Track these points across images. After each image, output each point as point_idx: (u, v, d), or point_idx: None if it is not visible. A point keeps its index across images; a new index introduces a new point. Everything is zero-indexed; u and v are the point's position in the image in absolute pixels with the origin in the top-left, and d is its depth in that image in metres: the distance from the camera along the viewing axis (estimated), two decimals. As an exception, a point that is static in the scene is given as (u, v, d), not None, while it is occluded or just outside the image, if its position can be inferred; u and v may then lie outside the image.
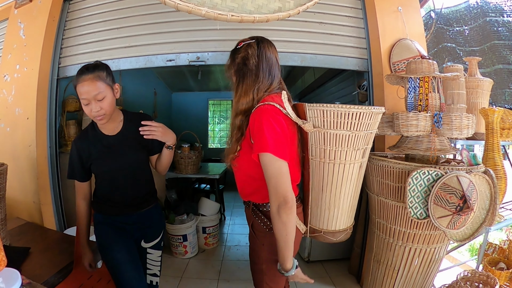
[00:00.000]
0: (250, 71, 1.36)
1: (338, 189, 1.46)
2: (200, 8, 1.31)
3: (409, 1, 2.88)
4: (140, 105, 4.29)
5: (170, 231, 3.05)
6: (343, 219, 1.53)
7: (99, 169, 1.62)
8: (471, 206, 1.80)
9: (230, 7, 1.42)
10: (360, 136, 1.41)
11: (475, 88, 2.65)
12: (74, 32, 2.89)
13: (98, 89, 1.44)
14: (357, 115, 1.35)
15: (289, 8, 1.51)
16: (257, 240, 1.42)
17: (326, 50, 2.75)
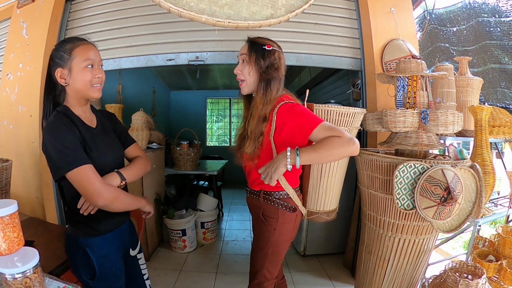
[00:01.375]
0: (278, 79, 1.57)
1: (333, 176, 1.91)
2: (201, 16, 1.49)
3: (401, 2, 3.05)
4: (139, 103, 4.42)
5: (169, 226, 3.22)
6: (335, 200, 2.02)
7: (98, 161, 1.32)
8: (454, 197, 1.96)
9: (227, 14, 1.59)
10: (352, 131, 1.89)
11: (465, 86, 2.81)
12: (76, 32, 3.05)
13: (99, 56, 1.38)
14: (353, 114, 1.87)
15: (280, 14, 1.69)
16: (267, 226, 1.60)
17: (321, 50, 2.93)
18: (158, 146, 3.26)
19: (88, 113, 1.44)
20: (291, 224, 1.63)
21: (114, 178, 1.35)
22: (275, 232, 1.59)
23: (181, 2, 1.58)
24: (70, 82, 1.30)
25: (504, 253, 2.57)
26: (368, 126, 2.42)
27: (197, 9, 1.58)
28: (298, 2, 1.77)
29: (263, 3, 1.70)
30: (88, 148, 1.30)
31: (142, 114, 3.01)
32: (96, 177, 1.23)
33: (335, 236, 3.27)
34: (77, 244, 1.38)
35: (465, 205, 2.23)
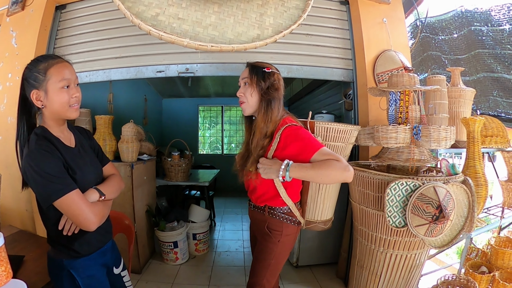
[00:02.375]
0: (278, 100, 1.63)
1: (330, 187, 1.97)
2: (182, 40, 1.42)
3: (394, 13, 2.98)
4: (131, 111, 4.37)
5: (161, 238, 3.14)
6: (331, 210, 2.07)
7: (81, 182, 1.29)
8: (446, 216, 1.90)
9: (211, 36, 1.53)
10: (348, 147, 2.01)
11: (458, 97, 2.75)
12: (66, 42, 2.97)
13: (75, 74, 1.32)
14: (350, 131, 1.96)
15: (267, 35, 1.61)
16: (272, 238, 1.67)
17: (312, 61, 2.86)
18: (148, 157, 3.17)
19: (66, 132, 1.39)
20: (293, 236, 1.73)
21: (93, 194, 1.32)
22: (279, 244, 1.67)
23: (163, 24, 1.53)
24: (47, 104, 1.24)
25: (497, 264, 2.52)
26: (360, 140, 2.35)
27: (180, 30, 1.52)
28: (286, 22, 1.69)
29: (249, 23, 1.63)
30: (71, 170, 1.26)
31: (132, 126, 2.92)
32: (84, 202, 1.21)
33: (327, 247, 3.20)
34: (61, 267, 1.33)
35: (457, 220, 2.18)
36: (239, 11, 1.65)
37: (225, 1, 1.65)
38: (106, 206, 1.36)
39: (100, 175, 1.47)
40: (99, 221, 1.25)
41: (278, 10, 1.71)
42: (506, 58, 3.00)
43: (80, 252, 1.34)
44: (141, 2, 1.58)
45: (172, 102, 6.77)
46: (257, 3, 1.70)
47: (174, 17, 1.56)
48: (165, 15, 1.56)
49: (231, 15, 1.63)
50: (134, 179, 2.87)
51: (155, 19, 1.55)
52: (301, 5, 1.77)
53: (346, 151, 2.04)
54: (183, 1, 1.62)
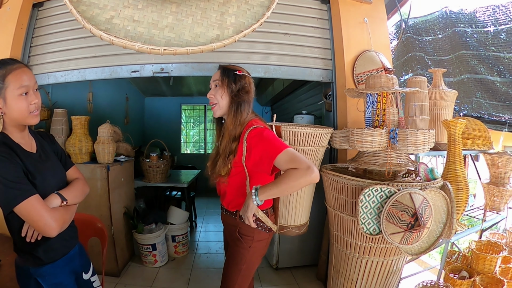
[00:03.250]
0: (248, 102, 1.58)
1: (302, 192, 1.91)
2: (133, 44, 1.29)
3: (376, 13, 2.82)
4: (111, 110, 4.16)
5: (139, 241, 2.98)
6: (305, 215, 2.01)
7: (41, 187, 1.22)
8: (422, 224, 1.75)
9: (167, 38, 1.39)
10: (319, 150, 1.91)
11: (439, 99, 2.59)
12: (43, 40, 2.80)
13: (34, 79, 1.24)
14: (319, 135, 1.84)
15: (227, 35, 1.47)
16: (243, 244, 1.59)
17: (291, 61, 2.69)
18: (126, 158, 2.99)
19: (28, 138, 1.32)
20: (264, 242, 1.66)
21: (55, 199, 1.25)
22: (250, 250, 1.60)
23: (117, 27, 1.39)
24: (6, 111, 1.19)
25: (478, 269, 2.39)
26: (336, 143, 2.19)
27: (134, 33, 1.38)
28: (249, 21, 1.53)
29: (209, 23, 1.48)
30: (31, 176, 1.20)
31: (108, 126, 2.74)
32: (43, 208, 1.15)
33: (308, 248, 3.05)
34: (28, 275, 1.29)
35: (435, 226, 2.03)
36: (198, 10, 1.51)
37: (184, 0, 1.50)
38: (68, 212, 1.29)
39: (63, 179, 1.40)
40: (60, 227, 1.20)
41: (241, 8, 1.55)
42: (490, 60, 2.84)
43: (45, 259, 1.28)
44: (96, 5, 1.46)
45: (154, 101, 6.52)
46: (218, 2, 1.55)
47: (129, 19, 1.44)
48: (120, 18, 1.44)
49: (190, 15, 1.49)
50: (111, 181, 2.71)
51: (109, 22, 1.42)
52: (266, 2, 1.60)
53: (318, 154, 1.92)
54: (139, 2, 1.49)
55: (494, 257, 2.32)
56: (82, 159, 2.72)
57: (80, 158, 2.71)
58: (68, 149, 2.70)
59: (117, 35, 1.37)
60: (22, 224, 1.20)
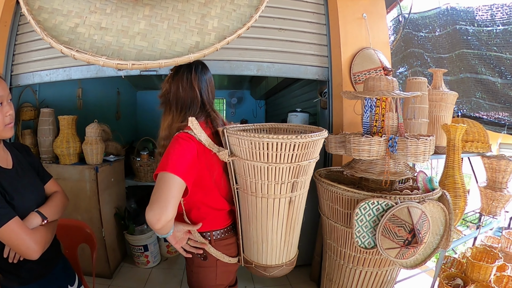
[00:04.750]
0: (168, 106, 1.34)
1: (264, 223, 1.25)
2: (98, 59, 1.07)
3: (374, 8, 2.55)
4: (102, 106, 3.88)
5: (131, 242, 2.80)
6: (274, 254, 1.33)
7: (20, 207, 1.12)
8: (419, 240, 1.56)
9: (138, 48, 1.15)
10: (283, 168, 1.14)
11: (439, 101, 2.37)
12: (27, 38, 2.51)
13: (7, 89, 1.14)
14: (276, 145, 1.08)
15: (208, 42, 1.20)
16: (188, 266, 1.36)
17: (285, 58, 2.42)
18: (115, 157, 2.77)
19: (2, 152, 1.21)
20: (211, 270, 1.31)
21: (35, 218, 1.15)
22: (193, 275, 1.34)
23: (82, 37, 1.17)
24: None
25: (472, 277, 2.23)
26: (331, 148, 1.97)
27: (101, 43, 1.15)
28: (234, 24, 1.27)
29: (187, 28, 1.21)
30: (8, 196, 1.09)
31: (96, 126, 2.51)
32: (23, 231, 1.06)
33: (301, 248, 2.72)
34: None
35: (432, 238, 1.83)
36: (175, 13, 1.25)
37: (158, 2, 1.24)
38: (49, 230, 1.19)
39: (41, 195, 1.29)
40: (42, 248, 1.11)
41: (225, 9, 1.29)
42: (492, 60, 2.59)
43: (30, 278, 1.21)
44: (59, 11, 1.24)
45: (147, 95, 6.05)
46: (199, 2, 1.27)
47: (96, 27, 1.21)
48: (85, 26, 1.21)
49: (165, 19, 1.23)
50: (100, 182, 2.49)
51: (73, 31, 1.20)
52: (255, 1, 1.34)
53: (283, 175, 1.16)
54: (107, 6, 1.25)
55: (490, 266, 2.15)
56: (70, 160, 2.51)
57: (68, 159, 2.49)
58: (55, 150, 2.49)
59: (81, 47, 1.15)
60: (3, 245, 1.11)
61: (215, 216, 1.32)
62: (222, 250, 1.32)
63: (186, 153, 1.14)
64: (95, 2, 1.26)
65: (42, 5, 1.25)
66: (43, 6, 1.25)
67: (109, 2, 1.26)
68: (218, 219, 1.33)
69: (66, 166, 2.49)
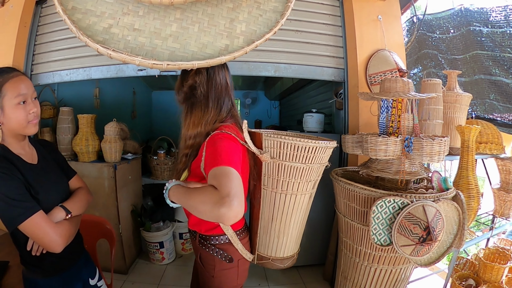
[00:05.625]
0: (202, 102, 1.32)
1: (288, 218, 1.45)
2: (134, 58, 1.15)
3: (389, 10, 2.69)
4: (119, 105, 4.07)
5: (147, 239, 2.96)
6: (291, 246, 1.54)
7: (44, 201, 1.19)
8: (434, 239, 1.70)
9: (171, 49, 1.25)
10: (313, 168, 1.40)
11: (453, 102, 2.49)
12: (47, 38, 2.70)
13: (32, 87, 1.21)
14: (313, 149, 1.33)
15: (237, 45, 1.31)
16: (206, 272, 1.33)
17: (302, 59, 2.58)
18: (133, 156, 2.94)
19: (28, 148, 1.27)
20: (233, 271, 1.35)
21: (59, 213, 1.22)
22: (215, 280, 1.33)
23: (116, 37, 1.25)
24: (4, 121, 1.15)
25: (485, 278, 2.35)
26: (347, 148, 2.11)
27: (135, 44, 1.25)
28: (261, 29, 1.39)
29: (217, 31, 1.33)
30: (33, 190, 1.15)
31: (115, 125, 2.67)
32: (48, 225, 1.12)
33: (315, 247, 3.01)
34: (37, 287, 1.28)
35: (446, 237, 1.97)
36: (205, 17, 1.35)
37: (189, 6, 1.34)
38: (73, 224, 1.26)
39: (66, 190, 1.36)
40: (65, 242, 1.17)
41: (252, 14, 1.41)
42: (506, 61, 2.70)
43: (53, 271, 1.28)
44: (93, 12, 1.32)
45: (162, 95, 6.30)
46: (227, 7, 1.39)
47: (129, 28, 1.30)
48: (119, 27, 1.29)
49: (196, 22, 1.33)
50: (118, 180, 2.66)
51: (107, 32, 1.28)
52: (279, 7, 1.47)
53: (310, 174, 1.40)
54: (140, 8, 1.34)
55: (502, 267, 2.28)
56: (89, 157, 2.67)
57: (87, 157, 2.66)
58: (74, 148, 2.65)
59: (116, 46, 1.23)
60: (28, 238, 1.18)
61: None
62: (245, 247, 1.38)
63: (239, 153, 1.18)
64: (127, 4, 1.35)
65: (76, 6, 1.34)
66: (76, 6, 1.34)
67: (141, 5, 1.35)
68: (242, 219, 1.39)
69: (84, 163, 2.66)
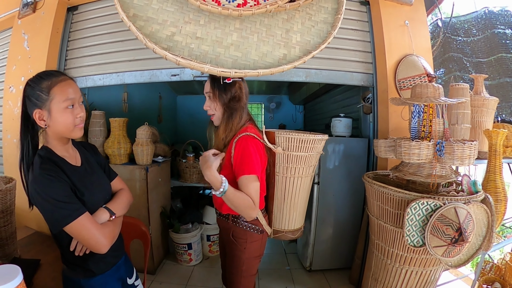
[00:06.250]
0: (241, 109, 1.61)
1: (296, 197, 1.85)
2: (203, 66, 1.27)
3: (416, 14, 2.82)
4: (145, 109, 4.28)
5: (175, 240, 3.13)
6: (299, 220, 1.95)
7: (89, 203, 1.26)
8: (465, 239, 1.83)
9: (233, 57, 1.38)
10: (313, 156, 1.83)
11: (480, 106, 2.62)
12: (79, 44, 2.88)
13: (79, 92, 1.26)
14: (313, 141, 1.78)
15: (294, 55, 1.47)
16: (238, 246, 1.69)
17: (331, 65, 2.73)
18: (163, 159, 3.12)
19: (71, 151, 1.34)
20: (258, 243, 1.72)
21: (104, 214, 1.29)
22: (246, 251, 1.69)
23: (180, 45, 1.37)
24: (51, 124, 1.20)
25: (511, 281, 2.45)
26: (380, 152, 2.26)
27: (199, 51, 1.37)
28: (314, 39, 1.54)
29: (274, 41, 1.48)
30: (79, 192, 1.21)
31: (147, 128, 2.85)
32: (94, 226, 1.17)
33: (341, 251, 3.15)
34: (79, 286, 1.33)
35: (475, 239, 2.10)
36: (263, 27, 1.49)
37: (247, 16, 1.48)
38: (116, 225, 1.33)
39: (109, 192, 1.44)
40: (111, 242, 1.23)
41: (305, 25, 1.56)
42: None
43: (96, 271, 1.33)
44: (154, 20, 1.42)
45: (186, 99, 6.59)
46: (282, 18, 1.54)
47: (192, 36, 1.40)
48: (181, 35, 1.40)
49: (255, 32, 1.47)
50: (149, 182, 2.84)
51: (170, 39, 1.39)
52: (329, 18, 1.63)
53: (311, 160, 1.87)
54: (201, 17, 1.46)
55: (528, 271, 2.40)
56: (121, 160, 2.84)
57: (118, 160, 2.83)
58: (106, 151, 2.83)
59: (180, 54, 1.34)
60: (71, 238, 1.23)
61: (262, 199, 1.72)
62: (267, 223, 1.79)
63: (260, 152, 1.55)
64: (188, 13, 1.46)
65: (137, 13, 1.44)
66: (137, 14, 1.43)
67: (201, 14, 1.46)
68: (262, 201, 1.74)
69: (116, 165, 2.83)
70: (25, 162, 1.24)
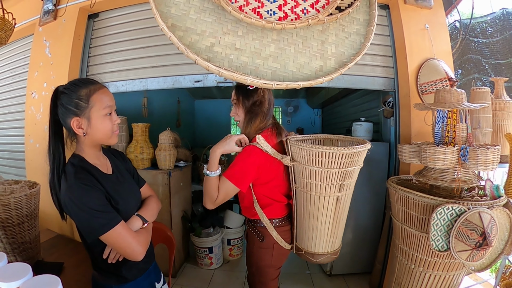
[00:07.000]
0: (262, 113, 1.73)
1: (315, 216, 1.70)
2: (245, 78, 1.33)
3: (436, 18, 2.94)
4: (165, 114, 4.46)
5: (196, 244, 3.29)
6: (322, 244, 1.78)
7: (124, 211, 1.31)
8: (490, 244, 1.95)
9: (272, 69, 1.45)
10: (332, 172, 1.60)
11: (501, 110, 2.73)
12: (100, 50, 3.03)
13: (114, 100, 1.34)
14: (328, 154, 1.54)
15: (331, 66, 1.56)
16: (248, 247, 1.85)
17: (353, 69, 2.82)
18: (185, 163, 3.27)
19: (102, 159, 1.40)
20: (268, 252, 1.79)
21: (137, 222, 1.35)
22: (254, 255, 1.82)
23: (219, 56, 1.43)
24: (90, 131, 1.25)
25: (531, 286, 2.57)
26: (404, 157, 2.38)
27: (238, 63, 1.44)
28: (349, 50, 1.65)
29: (311, 52, 1.56)
30: (113, 201, 1.26)
31: (169, 134, 3.00)
32: (130, 235, 1.22)
33: (362, 255, 3.27)
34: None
35: (497, 244, 2.20)
36: (299, 38, 1.57)
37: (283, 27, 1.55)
38: (149, 232, 1.38)
39: (139, 199, 1.50)
40: (145, 250, 1.27)
41: (339, 36, 1.65)
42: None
43: (129, 277, 1.39)
44: (193, 30, 1.45)
45: (204, 104, 6.79)
46: (317, 29, 1.62)
47: (231, 47, 1.45)
48: (221, 46, 1.44)
49: (292, 44, 1.55)
50: (172, 187, 2.99)
51: (210, 50, 1.42)
52: (362, 30, 1.73)
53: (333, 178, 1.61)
54: (239, 28, 1.51)
55: (549, 275, 2.52)
56: (143, 165, 3.00)
57: (141, 164, 2.98)
58: (129, 155, 2.98)
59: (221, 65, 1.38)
60: (103, 245, 1.27)
61: (276, 207, 1.79)
62: (280, 235, 1.80)
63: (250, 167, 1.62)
64: (226, 24, 1.51)
65: (175, 23, 1.45)
66: (176, 24, 1.45)
67: (239, 25, 1.51)
68: (278, 209, 1.80)
69: (139, 170, 2.96)
70: (58, 172, 1.25)
